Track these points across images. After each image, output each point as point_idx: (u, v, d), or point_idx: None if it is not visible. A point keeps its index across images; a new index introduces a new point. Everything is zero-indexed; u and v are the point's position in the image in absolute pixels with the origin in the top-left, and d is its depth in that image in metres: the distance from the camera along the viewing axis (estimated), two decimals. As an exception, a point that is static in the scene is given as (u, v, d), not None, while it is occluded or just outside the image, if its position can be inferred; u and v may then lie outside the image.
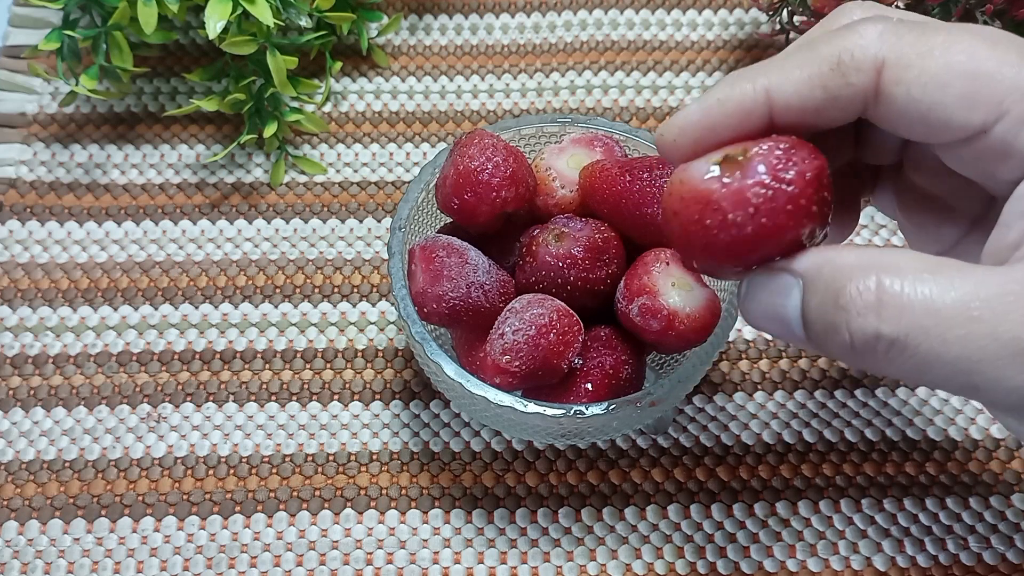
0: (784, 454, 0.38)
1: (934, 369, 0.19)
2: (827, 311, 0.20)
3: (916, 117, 0.21)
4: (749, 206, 0.21)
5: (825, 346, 0.21)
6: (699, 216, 0.21)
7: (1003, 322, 0.18)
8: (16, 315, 0.40)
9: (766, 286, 0.21)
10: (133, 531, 0.36)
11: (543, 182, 0.34)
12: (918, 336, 0.19)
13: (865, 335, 0.19)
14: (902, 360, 0.19)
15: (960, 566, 0.36)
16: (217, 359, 0.39)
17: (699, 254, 0.22)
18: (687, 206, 0.21)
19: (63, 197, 0.43)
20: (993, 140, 0.21)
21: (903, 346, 0.19)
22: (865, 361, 0.20)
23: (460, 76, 0.47)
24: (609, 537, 0.36)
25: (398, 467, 0.37)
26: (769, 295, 0.21)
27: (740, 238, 0.21)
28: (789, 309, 0.21)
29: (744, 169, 0.21)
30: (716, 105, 0.22)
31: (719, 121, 0.22)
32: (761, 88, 0.22)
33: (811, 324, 0.21)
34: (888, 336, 0.19)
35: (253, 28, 0.40)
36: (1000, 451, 0.38)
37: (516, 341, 0.30)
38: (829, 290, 0.20)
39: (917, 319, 0.19)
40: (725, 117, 0.22)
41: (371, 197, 0.44)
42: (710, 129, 0.22)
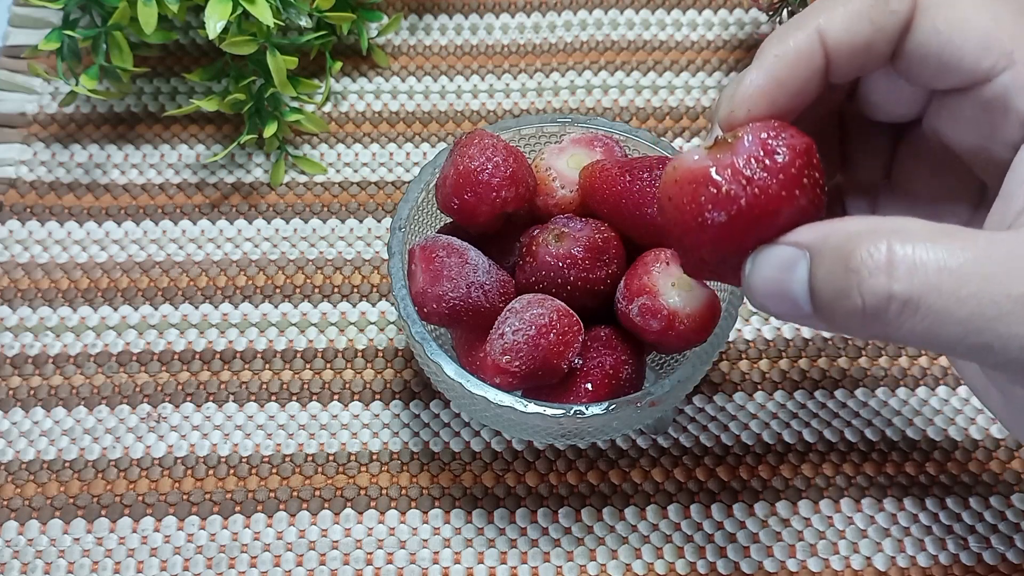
0: (784, 454, 0.38)
1: (947, 328, 0.19)
2: (837, 277, 0.20)
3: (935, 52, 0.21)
4: (742, 178, 0.21)
5: (834, 317, 0.20)
6: (693, 194, 0.21)
7: (1016, 280, 0.19)
8: (16, 315, 0.40)
9: (770, 261, 0.21)
10: (133, 531, 0.36)
11: (543, 182, 0.34)
12: (931, 295, 0.19)
13: (877, 296, 0.19)
14: (914, 322, 0.19)
15: (960, 566, 0.36)
16: (217, 359, 0.39)
17: (695, 240, 0.22)
18: (682, 188, 0.22)
19: (63, 197, 0.43)
20: (996, 90, 0.21)
21: (916, 306, 0.19)
22: (875, 326, 0.20)
23: (460, 76, 0.47)
24: (609, 537, 0.36)
25: (398, 467, 0.37)
26: (774, 270, 0.21)
27: (736, 214, 0.21)
28: (795, 283, 0.21)
29: (735, 147, 0.21)
30: (776, 61, 0.22)
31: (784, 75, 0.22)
32: (814, 30, 0.22)
33: (819, 294, 0.20)
34: (901, 296, 0.19)
35: (253, 28, 0.40)
36: (1000, 451, 0.38)
37: (516, 341, 0.30)
38: (838, 256, 0.20)
39: (930, 278, 0.19)
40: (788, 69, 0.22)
41: (371, 197, 0.44)
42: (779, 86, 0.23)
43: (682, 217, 0.22)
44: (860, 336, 0.21)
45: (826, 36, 0.22)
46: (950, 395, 0.39)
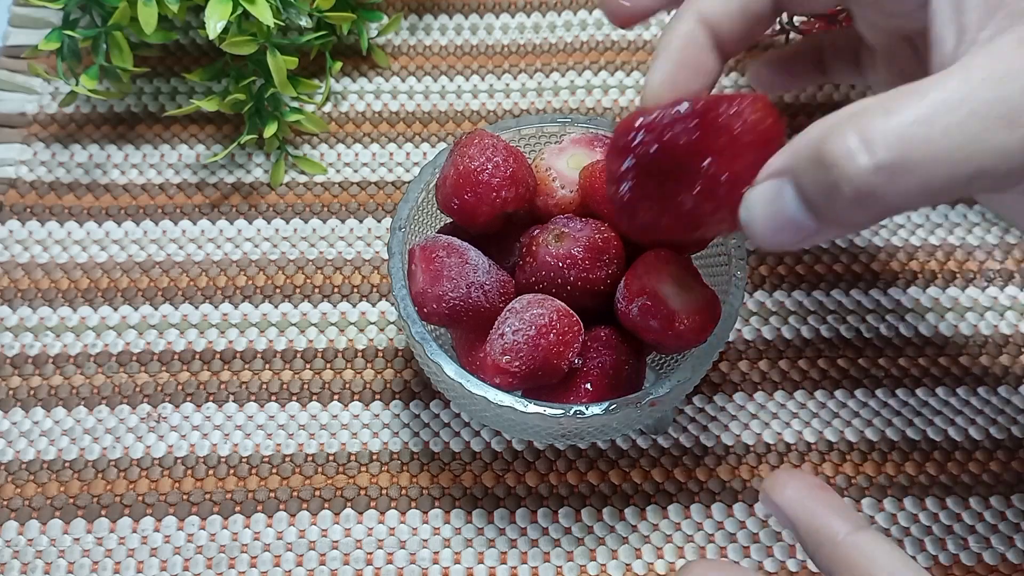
0: (784, 454, 0.38)
1: (940, 170, 0.20)
2: (821, 180, 0.21)
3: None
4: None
5: (838, 215, 0.21)
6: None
7: (973, 98, 0.20)
8: (16, 315, 0.40)
9: (760, 200, 0.23)
10: (133, 531, 0.36)
11: (543, 182, 0.34)
12: (912, 148, 0.20)
13: (868, 174, 0.20)
14: (910, 178, 0.20)
15: (960, 566, 0.36)
16: (217, 359, 0.39)
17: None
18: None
19: (63, 197, 0.43)
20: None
21: (904, 164, 0.20)
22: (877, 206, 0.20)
23: (460, 76, 0.47)
24: (609, 537, 0.36)
25: (398, 467, 0.37)
26: (766, 206, 0.22)
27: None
28: (790, 206, 0.22)
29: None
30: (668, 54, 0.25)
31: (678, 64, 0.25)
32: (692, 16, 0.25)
33: (815, 203, 0.21)
34: (887, 161, 0.20)
35: (253, 28, 0.40)
36: (1000, 451, 0.38)
37: (516, 341, 0.30)
38: (815, 162, 0.21)
39: (904, 134, 0.20)
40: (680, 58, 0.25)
41: (371, 197, 0.44)
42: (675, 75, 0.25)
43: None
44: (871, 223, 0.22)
45: (707, 18, 0.25)
46: (950, 395, 0.39)
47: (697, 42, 0.25)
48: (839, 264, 0.42)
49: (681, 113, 0.23)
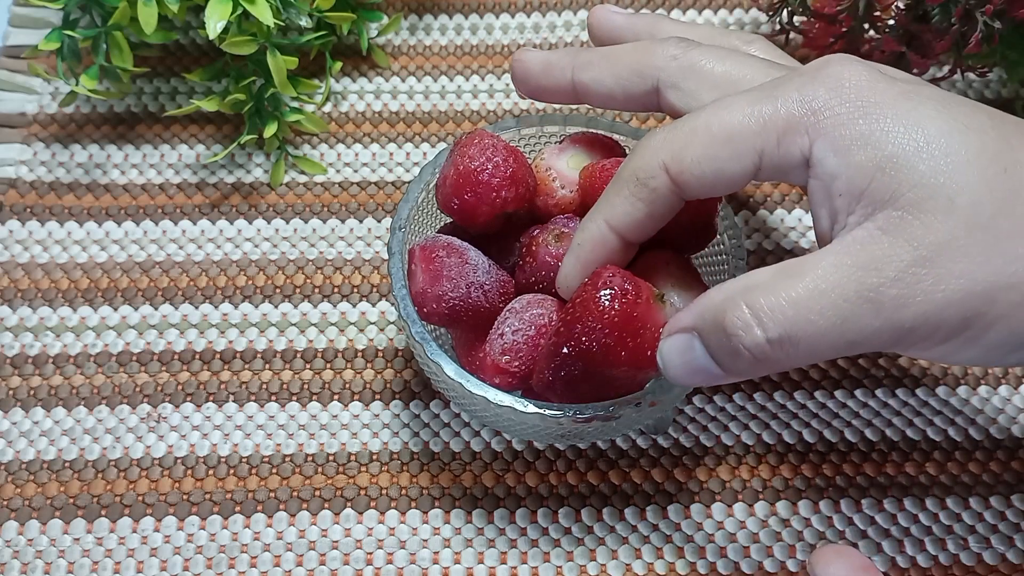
0: (784, 454, 0.38)
1: (822, 342, 0.24)
2: (723, 344, 0.25)
3: (710, 185, 0.27)
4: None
5: (739, 370, 0.25)
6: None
7: (843, 285, 0.24)
8: (16, 315, 0.40)
9: (673, 351, 0.26)
10: (133, 531, 0.36)
11: (543, 182, 0.34)
12: (796, 326, 0.24)
13: (760, 345, 0.24)
14: (797, 350, 0.24)
15: (960, 566, 0.36)
16: (217, 359, 0.39)
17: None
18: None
19: (63, 197, 0.43)
20: (768, 170, 0.26)
21: (790, 339, 0.24)
22: (772, 365, 0.24)
23: (460, 76, 0.47)
24: (609, 537, 0.36)
25: (398, 467, 0.37)
26: (679, 356, 0.26)
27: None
28: (699, 358, 0.26)
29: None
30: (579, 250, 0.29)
31: (588, 258, 0.29)
32: (602, 223, 0.29)
33: (720, 360, 0.25)
34: (776, 337, 0.24)
35: (253, 28, 0.40)
36: (1000, 451, 0.38)
37: (516, 341, 0.30)
38: (716, 329, 0.25)
39: (788, 314, 0.24)
40: (592, 255, 0.29)
41: (371, 197, 0.44)
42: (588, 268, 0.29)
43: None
44: (767, 374, 0.26)
45: (613, 226, 0.28)
46: (950, 395, 0.39)
47: (606, 246, 0.29)
48: (839, 264, 0.42)
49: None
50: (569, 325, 0.28)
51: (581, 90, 0.32)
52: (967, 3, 0.38)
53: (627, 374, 0.29)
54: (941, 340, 0.25)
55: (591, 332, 0.27)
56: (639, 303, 0.28)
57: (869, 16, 0.40)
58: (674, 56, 0.30)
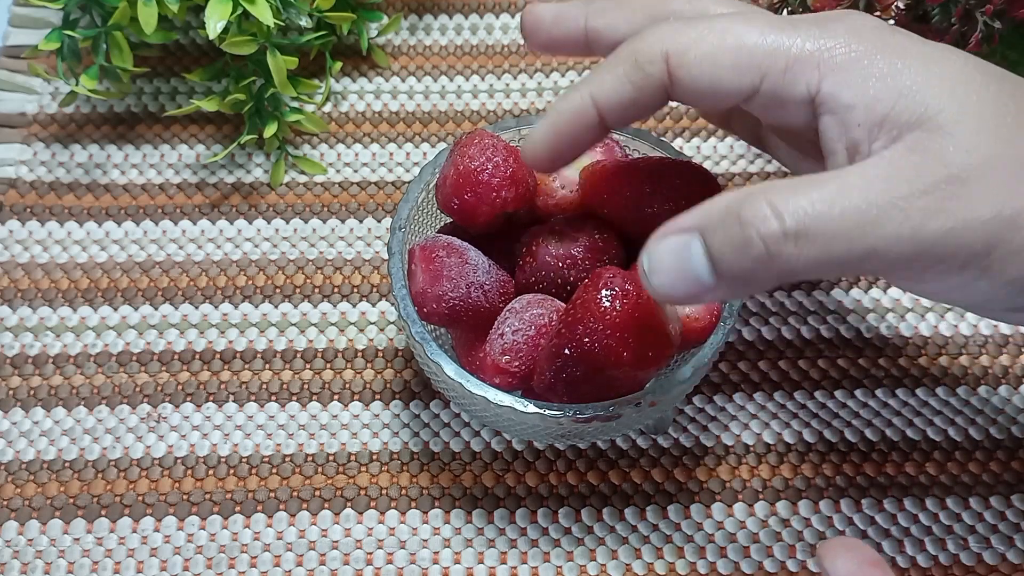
0: (784, 454, 0.38)
1: (839, 244, 0.23)
2: (735, 236, 0.24)
3: (702, 90, 0.26)
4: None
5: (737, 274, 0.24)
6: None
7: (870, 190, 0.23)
8: (16, 315, 0.40)
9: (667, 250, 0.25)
10: (133, 531, 0.36)
11: (543, 182, 0.34)
12: (815, 222, 0.23)
13: (775, 235, 0.23)
14: (811, 247, 0.23)
15: (960, 566, 0.36)
16: (217, 359, 0.39)
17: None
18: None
19: (63, 197, 0.43)
20: (765, 96, 0.26)
21: (807, 233, 0.23)
22: (780, 265, 0.23)
23: (460, 76, 0.47)
24: (609, 537, 0.36)
25: (398, 467, 0.37)
26: (672, 257, 0.25)
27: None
28: (695, 259, 0.24)
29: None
30: (556, 118, 0.28)
31: (563, 131, 0.28)
32: (586, 95, 0.27)
33: (721, 258, 0.24)
34: (793, 228, 0.23)
35: (253, 28, 0.40)
36: (1000, 451, 0.38)
37: (516, 341, 0.30)
38: (730, 222, 0.24)
39: (809, 210, 0.23)
40: (566, 127, 0.28)
41: (371, 197, 0.44)
42: (557, 142, 0.28)
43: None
44: (759, 288, 0.25)
45: (596, 99, 0.27)
46: (950, 395, 0.39)
47: (584, 118, 0.28)
48: (839, 264, 0.42)
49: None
50: (570, 326, 0.28)
51: (593, 38, 0.30)
52: (967, 3, 0.38)
53: (628, 374, 0.29)
54: (959, 266, 0.24)
55: (593, 333, 0.27)
56: (640, 303, 0.28)
57: (869, 16, 0.40)
58: (689, 0, 0.29)
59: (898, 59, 0.25)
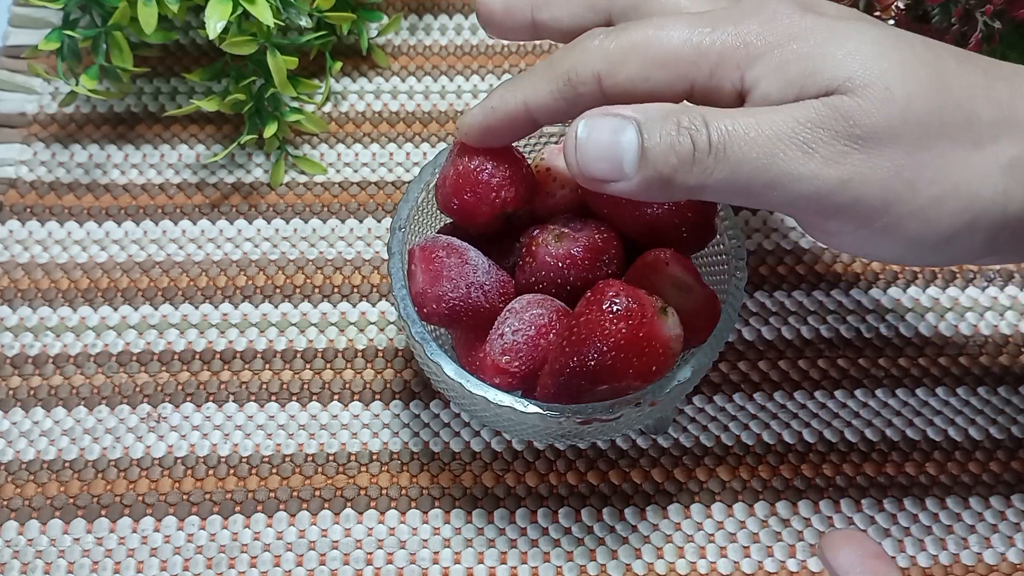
0: (784, 454, 0.38)
1: (746, 167, 0.25)
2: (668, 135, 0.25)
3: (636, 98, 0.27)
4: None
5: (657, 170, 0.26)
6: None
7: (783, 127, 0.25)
8: (16, 315, 0.40)
9: (604, 126, 0.26)
10: (133, 531, 0.36)
11: (543, 182, 0.34)
12: (733, 139, 0.25)
13: (702, 142, 0.25)
14: (723, 165, 0.25)
15: (960, 566, 0.36)
16: (217, 359, 0.39)
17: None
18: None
19: (63, 197, 0.43)
20: (698, 98, 0.27)
21: (724, 148, 0.25)
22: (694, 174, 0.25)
23: (460, 76, 0.47)
24: (609, 537, 0.36)
25: (398, 467, 0.37)
26: (607, 133, 0.26)
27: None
28: (626, 142, 0.26)
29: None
30: (491, 112, 0.30)
31: (494, 124, 0.30)
32: (521, 100, 0.29)
33: (649, 151, 0.25)
34: (715, 142, 0.25)
35: (253, 28, 0.40)
36: (1000, 451, 0.38)
37: (516, 341, 0.30)
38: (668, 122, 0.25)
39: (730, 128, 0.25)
40: (498, 121, 0.30)
41: (371, 197, 0.44)
42: (489, 130, 0.30)
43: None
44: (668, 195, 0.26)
45: (530, 107, 0.29)
46: (950, 395, 0.39)
47: (517, 120, 0.30)
48: (839, 264, 0.42)
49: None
50: (574, 345, 0.28)
51: (541, 28, 0.32)
52: (967, 3, 0.38)
53: (630, 388, 0.29)
54: (860, 222, 0.26)
55: (598, 353, 0.28)
56: (644, 322, 0.28)
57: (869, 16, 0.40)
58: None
59: (810, 39, 0.26)
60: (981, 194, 0.25)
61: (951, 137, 0.25)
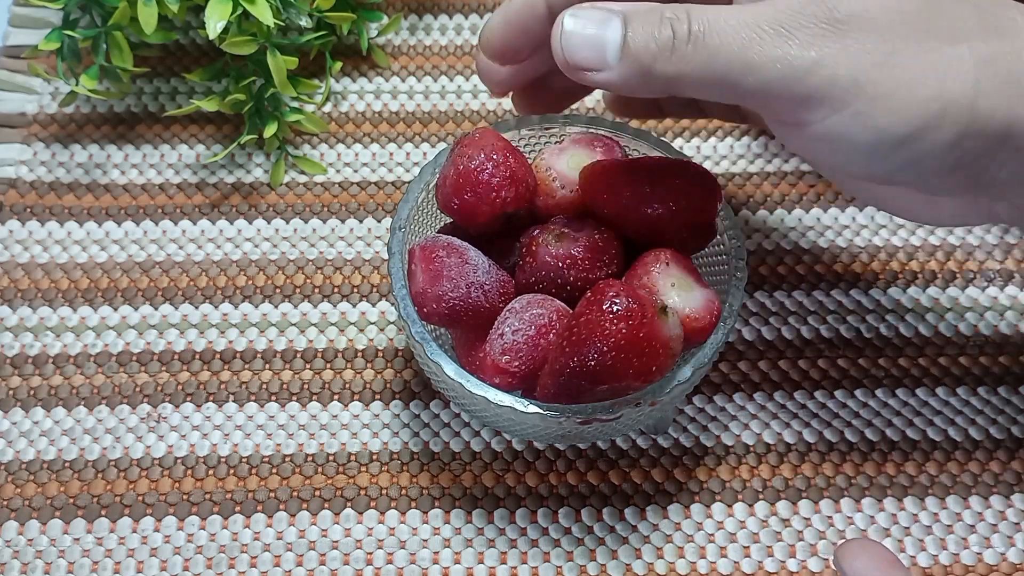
0: (784, 454, 0.38)
1: (726, 51, 0.26)
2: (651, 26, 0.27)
3: None
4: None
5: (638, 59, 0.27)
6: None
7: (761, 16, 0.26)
8: (16, 315, 0.40)
9: (591, 17, 0.27)
10: (133, 531, 0.36)
11: (543, 182, 0.34)
12: (712, 29, 0.26)
13: (682, 30, 0.26)
14: (701, 52, 0.26)
15: (960, 566, 0.36)
16: (217, 359, 0.39)
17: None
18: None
19: (63, 197, 0.43)
20: None
21: (702, 38, 0.26)
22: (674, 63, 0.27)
23: (460, 76, 0.47)
24: (609, 537, 0.36)
25: (398, 467, 0.37)
26: (593, 24, 0.27)
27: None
28: (609, 35, 0.27)
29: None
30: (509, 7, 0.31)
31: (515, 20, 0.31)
32: None
33: (632, 40, 0.27)
34: (696, 31, 0.26)
35: (253, 28, 0.40)
36: (1000, 451, 0.38)
37: (516, 341, 0.30)
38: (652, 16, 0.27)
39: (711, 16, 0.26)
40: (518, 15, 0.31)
41: (371, 197, 0.44)
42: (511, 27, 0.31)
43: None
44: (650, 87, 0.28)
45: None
46: (950, 395, 0.39)
47: (535, 10, 0.31)
48: (839, 264, 0.42)
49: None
50: (575, 345, 0.28)
51: (497, 56, 0.33)
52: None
53: (632, 388, 0.29)
54: (832, 106, 0.26)
55: (598, 353, 0.28)
56: (644, 322, 0.28)
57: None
58: None
59: None
60: (951, 85, 0.26)
61: (928, 31, 0.26)
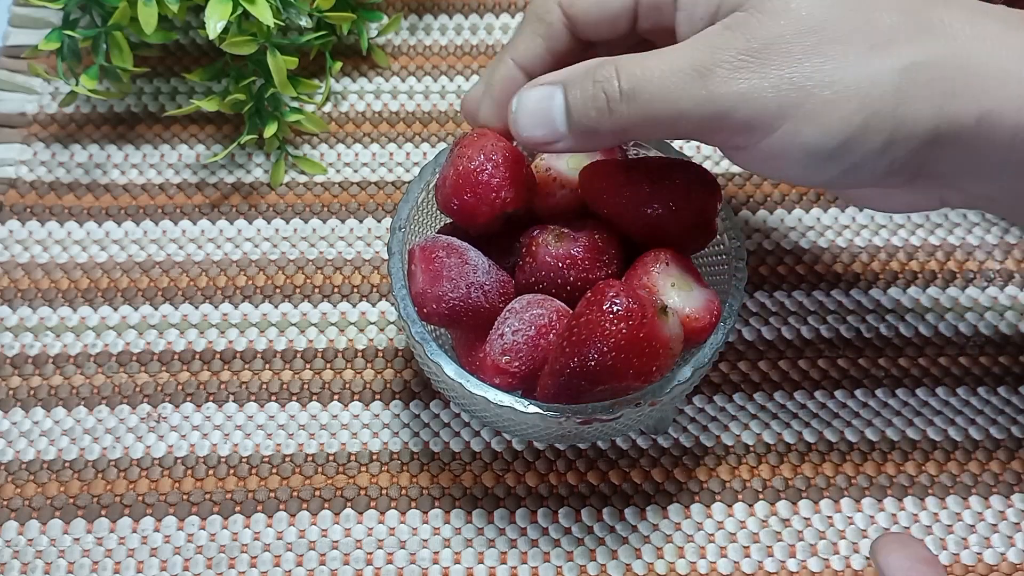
0: (784, 454, 0.38)
1: (656, 104, 0.27)
2: (587, 91, 0.28)
3: (595, 18, 0.31)
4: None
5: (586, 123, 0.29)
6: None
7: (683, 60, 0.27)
8: (16, 315, 0.40)
9: (534, 96, 0.29)
10: (133, 531, 0.36)
11: (543, 182, 0.34)
12: (641, 84, 0.27)
13: (614, 92, 0.28)
14: (636, 107, 0.28)
15: (960, 566, 0.36)
16: (217, 359, 0.39)
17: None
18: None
19: (63, 197, 0.43)
20: (644, 7, 0.30)
21: (635, 92, 0.27)
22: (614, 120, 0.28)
23: (460, 76, 0.47)
24: (609, 537, 0.36)
25: (398, 467, 0.37)
26: (537, 102, 0.29)
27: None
28: (555, 107, 0.29)
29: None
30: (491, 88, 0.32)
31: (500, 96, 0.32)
32: (509, 61, 0.32)
33: (574, 108, 0.29)
34: (626, 89, 0.28)
35: (253, 28, 0.40)
36: (1000, 451, 0.38)
37: (516, 341, 0.30)
38: (586, 79, 0.28)
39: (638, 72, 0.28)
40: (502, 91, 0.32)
41: (371, 197, 0.44)
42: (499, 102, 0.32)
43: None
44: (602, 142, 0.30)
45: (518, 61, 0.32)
46: (950, 395, 0.39)
47: (514, 82, 0.32)
48: (839, 264, 0.42)
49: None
50: (575, 345, 0.28)
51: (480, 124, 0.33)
52: (967, 3, 0.38)
53: (630, 388, 0.29)
54: (764, 131, 0.27)
55: (598, 354, 0.28)
56: (644, 322, 0.28)
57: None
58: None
59: None
60: (872, 93, 0.26)
61: (844, 41, 0.26)
